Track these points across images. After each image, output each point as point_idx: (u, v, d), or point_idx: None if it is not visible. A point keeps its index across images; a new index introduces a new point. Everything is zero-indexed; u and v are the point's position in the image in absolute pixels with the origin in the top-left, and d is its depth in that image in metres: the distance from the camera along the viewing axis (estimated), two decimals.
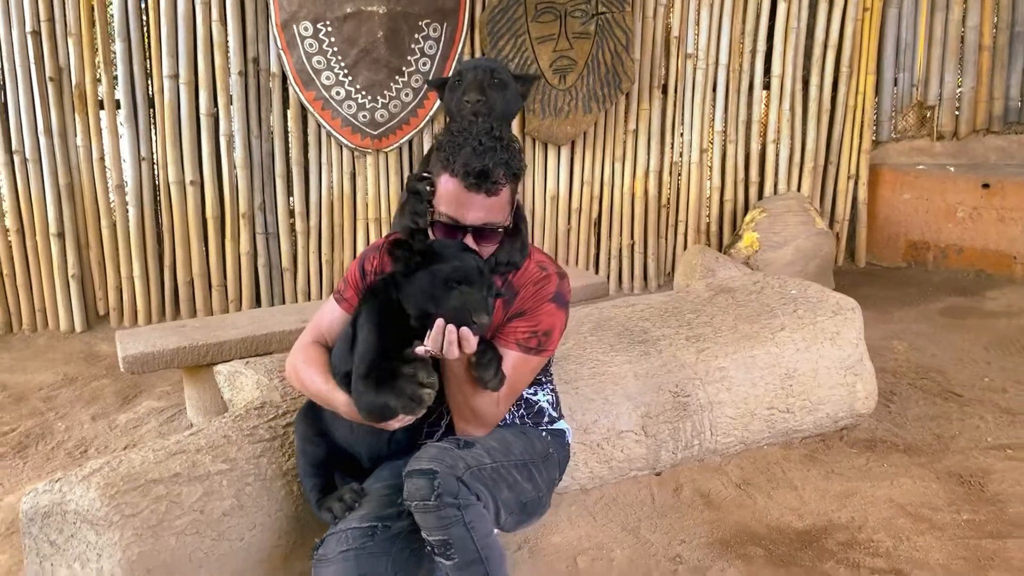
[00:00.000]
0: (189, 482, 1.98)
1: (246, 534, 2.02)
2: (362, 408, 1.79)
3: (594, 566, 2.34)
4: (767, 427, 2.86)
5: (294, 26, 4.20)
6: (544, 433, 2.08)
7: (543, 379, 2.12)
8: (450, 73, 2.27)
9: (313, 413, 2.02)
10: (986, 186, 4.97)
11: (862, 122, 5.16)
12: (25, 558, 1.95)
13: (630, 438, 2.63)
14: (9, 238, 4.29)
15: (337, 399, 1.88)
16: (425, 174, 1.92)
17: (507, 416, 2.03)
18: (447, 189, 1.85)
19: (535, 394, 2.09)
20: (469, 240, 1.88)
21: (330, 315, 2.07)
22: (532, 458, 1.97)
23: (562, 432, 2.14)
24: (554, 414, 2.13)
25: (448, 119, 2.47)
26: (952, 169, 5.16)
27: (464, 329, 1.71)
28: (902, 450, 2.98)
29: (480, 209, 1.85)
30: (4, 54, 4.09)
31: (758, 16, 4.92)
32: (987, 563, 2.33)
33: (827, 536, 2.48)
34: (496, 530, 2.16)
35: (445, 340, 1.71)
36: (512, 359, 1.90)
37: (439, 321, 1.71)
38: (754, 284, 3.18)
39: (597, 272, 5.00)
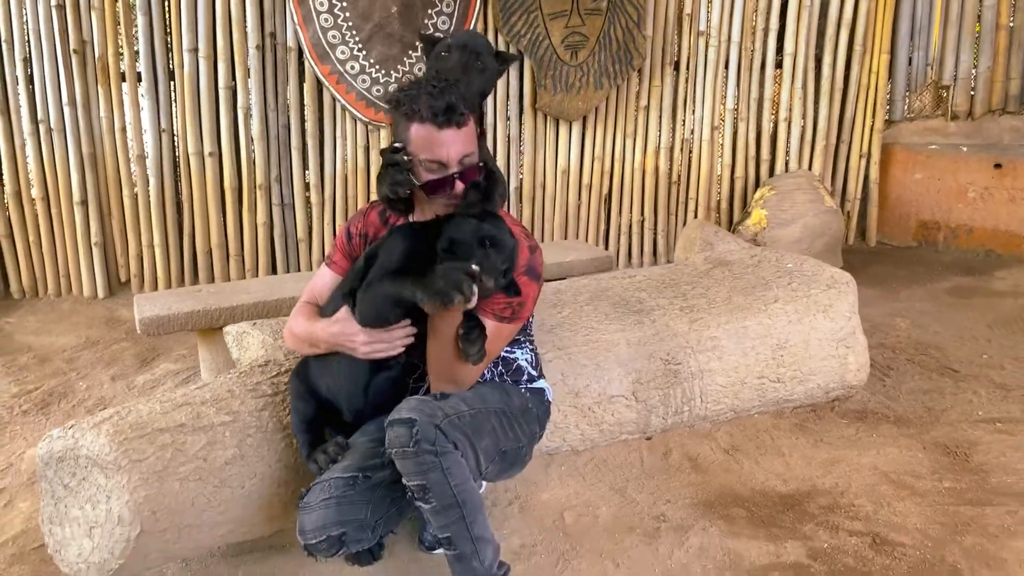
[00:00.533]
0: (194, 432, 2.10)
1: (247, 482, 2.13)
2: (366, 303, 1.93)
3: (580, 521, 2.44)
4: (757, 396, 2.93)
5: (310, 1, 4.29)
6: (523, 389, 2.17)
7: (521, 339, 2.20)
8: (442, 41, 2.33)
9: (304, 371, 2.14)
10: (998, 166, 4.96)
11: (875, 101, 5.17)
12: (41, 500, 2.08)
13: (621, 403, 2.72)
14: (35, 206, 4.43)
15: (315, 327, 2.05)
16: (396, 144, 2.01)
17: (485, 374, 2.13)
18: (420, 136, 1.94)
19: (512, 352, 2.18)
20: (458, 184, 1.97)
21: (321, 279, 2.22)
22: (510, 409, 2.07)
23: (541, 390, 2.23)
24: (533, 373, 2.22)
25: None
26: (965, 149, 5.15)
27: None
28: (892, 421, 3.05)
29: (455, 143, 1.94)
30: (30, 27, 4.22)
31: None
32: (964, 528, 2.40)
33: (809, 500, 2.56)
34: (483, 482, 2.29)
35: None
36: (488, 328, 1.98)
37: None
38: (751, 258, 3.25)
39: (607, 248, 5.07)
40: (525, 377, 2.19)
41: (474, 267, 1.81)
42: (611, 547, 2.32)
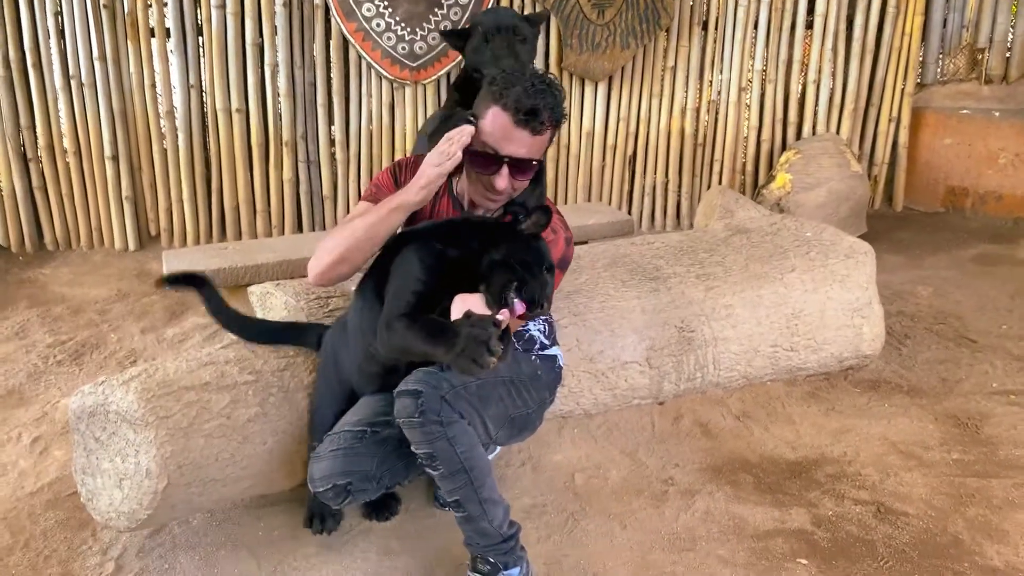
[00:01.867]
0: (218, 390, 2.18)
1: (269, 439, 2.22)
2: (393, 345, 1.90)
3: (589, 482, 2.51)
4: (770, 364, 2.97)
5: None
6: (533, 357, 2.22)
7: None
8: (469, 26, 2.34)
9: (334, 366, 2.20)
10: None
11: (907, 64, 5.08)
12: (74, 451, 2.18)
13: (634, 369, 2.77)
14: (67, 159, 4.52)
15: (390, 202, 2.03)
16: (471, 115, 2.02)
17: None
18: (494, 121, 1.97)
19: (525, 324, 2.23)
20: (504, 172, 1.99)
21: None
22: (518, 377, 2.12)
23: (553, 357, 2.28)
24: (546, 342, 2.27)
25: (471, 70, 2.53)
26: (997, 114, 5.06)
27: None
28: (905, 391, 3.07)
29: (522, 145, 1.98)
30: None
31: None
32: (968, 500, 2.44)
33: (817, 468, 2.61)
34: (496, 446, 2.36)
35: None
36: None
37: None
38: (771, 226, 3.25)
39: (630, 210, 5.08)
40: (537, 346, 2.25)
41: (496, 323, 1.75)
42: (619, 509, 2.39)
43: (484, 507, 1.96)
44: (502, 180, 2.00)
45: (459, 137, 1.97)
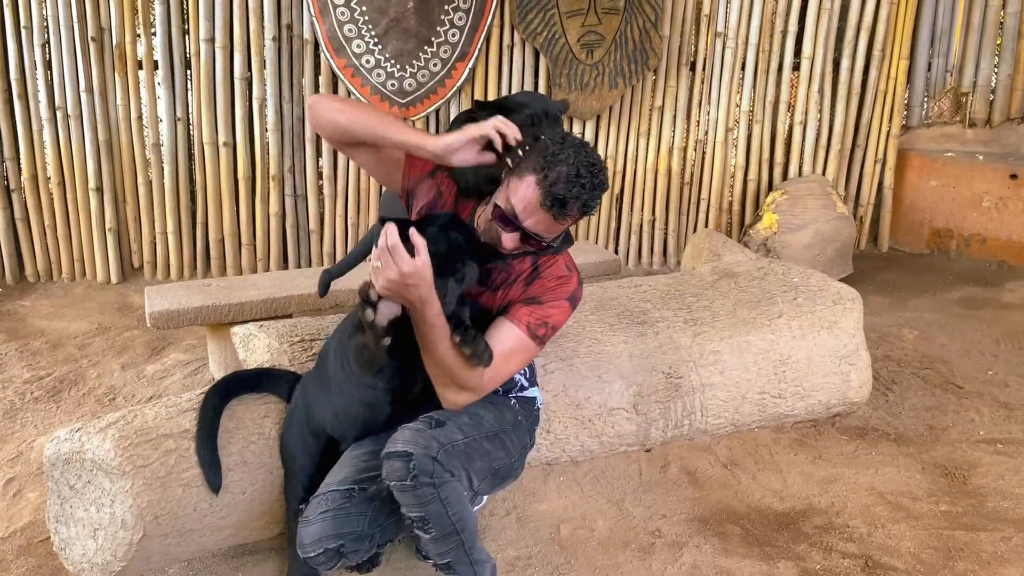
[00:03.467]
0: None
1: (248, 488, 2.17)
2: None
3: (575, 534, 2.47)
4: (758, 411, 2.95)
5: None
6: (513, 401, 2.18)
7: None
8: (519, 108, 2.28)
9: (304, 413, 2.15)
10: (1014, 176, 4.93)
11: (892, 107, 5.13)
12: (48, 499, 2.13)
13: (621, 415, 2.74)
14: (51, 190, 4.48)
15: (410, 133, 1.97)
16: (521, 150, 1.94)
17: None
18: (526, 190, 1.88)
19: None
20: (515, 236, 1.93)
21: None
22: (503, 428, 2.09)
23: (532, 399, 2.25)
24: (525, 383, 2.24)
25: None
26: (981, 157, 5.11)
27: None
28: (892, 439, 3.06)
29: (540, 224, 1.90)
30: (49, 13, 4.25)
31: None
32: (957, 554, 2.41)
33: (805, 519, 2.58)
34: (483, 498, 2.32)
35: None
36: (516, 338, 1.98)
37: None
38: (758, 270, 3.25)
39: (617, 248, 5.08)
40: (516, 388, 2.22)
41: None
42: (605, 562, 2.35)
43: (475, 568, 1.93)
44: (510, 241, 1.95)
45: (512, 133, 1.90)
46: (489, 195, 2.03)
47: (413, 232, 1.77)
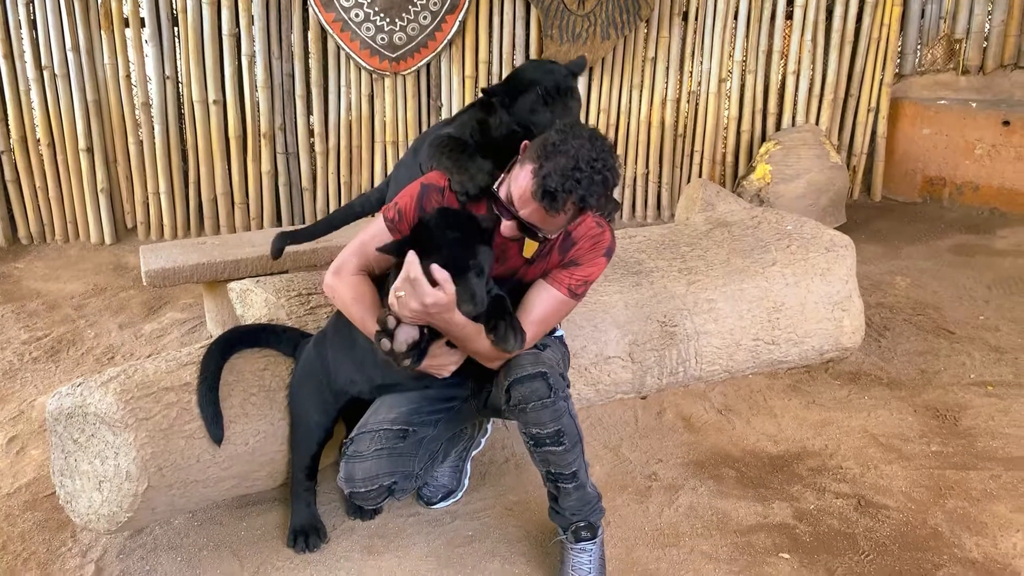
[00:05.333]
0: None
1: (250, 439, 2.20)
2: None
3: None
4: (752, 357, 2.98)
5: None
6: (555, 338, 2.27)
7: None
8: (529, 85, 2.21)
9: (322, 371, 2.18)
10: (1007, 123, 4.92)
11: (885, 54, 5.10)
12: (51, 453, 2.15)
13: (617, 363, 2.77)
14: (41, 151, 4.45)
15: (370, 328, 1.99)
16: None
17: None
18: (524, 180, 1.84)
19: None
20: (511, 225, 1.91)
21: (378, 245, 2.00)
22: (563, 355, 2.22)
23: (561, 336, 2.34)
24: (558, 327, 2.33)
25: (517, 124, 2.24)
26: (974, 105, 5.10)
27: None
28: (885, 383, 3.10)
29: (535, 216, 1.86)
30: None
31: None
32: (947, 492, 2.46)
33: (799, 462, 2.62)
34: (481, 440, 2.44)
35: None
36: (557, 300, 2.02)
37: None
38: (752, 219, 3.26)
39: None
40: (556, 332, 2.30)
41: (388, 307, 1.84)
42: (603, 505, 2.39)
43: (587, 472, 2.05)
44: (507, 230, 1.93)
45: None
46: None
47: (435, 268, 1.78)
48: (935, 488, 2.48)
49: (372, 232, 2.08)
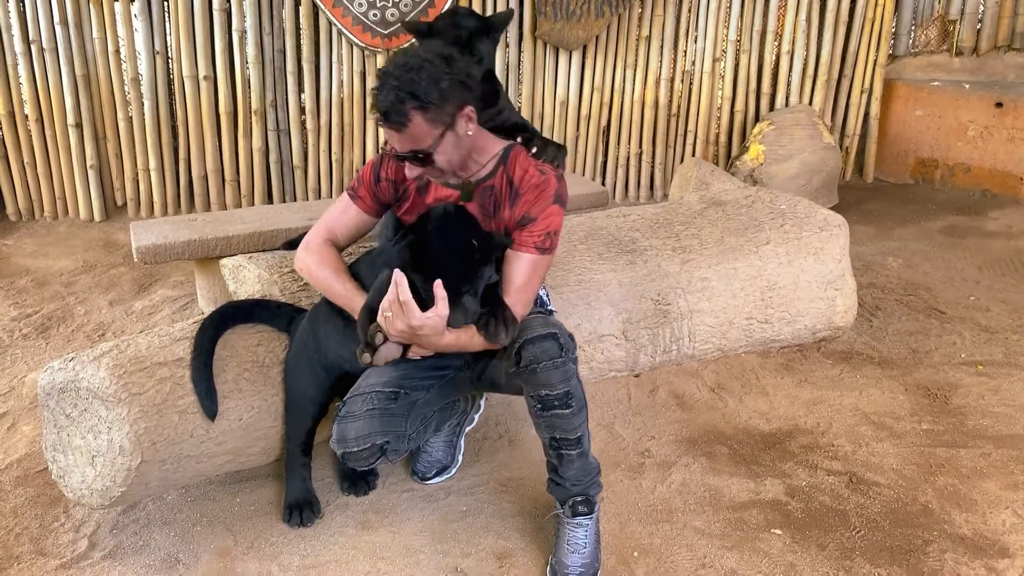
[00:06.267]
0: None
1: (244, 415, 2.19)
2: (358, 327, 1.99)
3: None
4: (745, 336, 2.99)
5: None
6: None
7: None
8: (431, 21, 2.32)
9: (315, 349, 2.18)
10: (999, 105, 4.93)
11: (879, 35, 5.09)
12: (44, 428, 2.14)
13: (610, 341, 2.77)
14: (29, 127, 4.40)
15: (354, 303, 2.04)
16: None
17: None
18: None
19: None
20: (412, 168, 1.98)
21: (343, 213, 2.18)
22: None
23: (554, 312, 2.37)
24: (546, 301, 2.35)
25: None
26: (967, 86, 5.10)
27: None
28: (876, 363, 3.11)
29: (396, 141, 1.94)
30: None
31: None
32: (938, 469, 2.48)
33: (791, 439, 2.64)
34: (475, 416, 2.44)
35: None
36: (531, 262, 2.02)
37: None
38: (745, 198, 3.26)
39: (604, 181, 5.06)
40: (544, 307, 2.32)
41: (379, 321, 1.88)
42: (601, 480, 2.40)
43: (590, 440, 2.05)
44: (409, 171, 2.00)
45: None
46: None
47: (437, 285, 1.82)
48: (926, 466, 2.50)
49: (336, 208, 2.19)
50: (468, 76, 1.94)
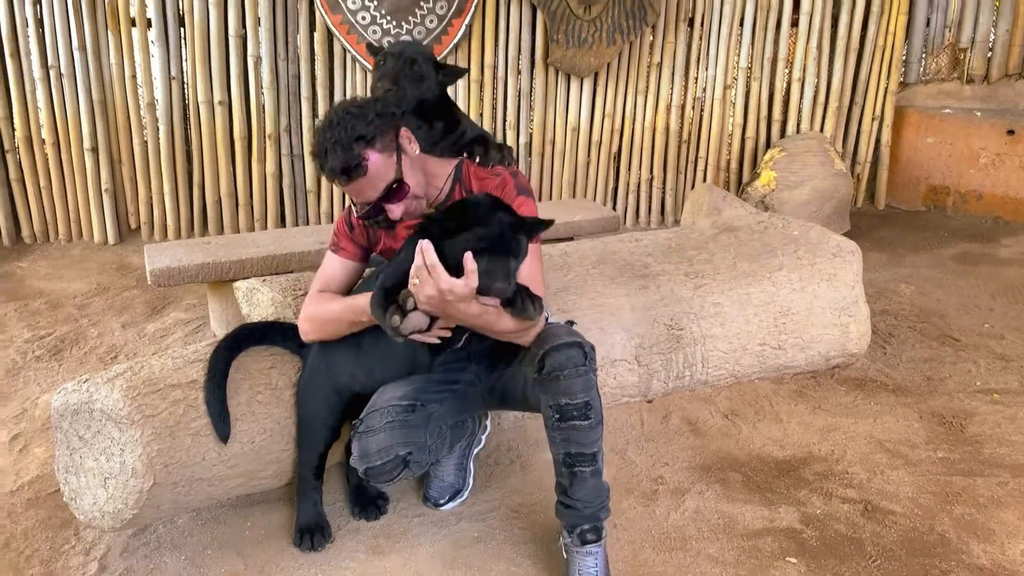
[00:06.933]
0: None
1: (256, 438, 2.19)
2: (372, 310, 1.97)
3: None
4: (758, 362, 2.97)
5: None
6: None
7: None
8: (384, 51, 2.35)
9: (325, 375, 2.19)
10: (1011, 132, 4.93)
11: (890, 63, 5.11)
12: (56, 450, 2.14)
13: (623, 367, 2.77)
14: (46, 151, 4.45)
15: (358, 302, 2.04)
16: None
17: None
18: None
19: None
20: (393, 208, 2.03)
21: (331, 268, 2.23)
22: None
23: None
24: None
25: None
26: (978, 114, 5.11)
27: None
28: (891, 390, 3.09)
29: (355, 193, 2.00)
30: None
31: None
32: (954, 498, 2.45)
33: (805, 467, 2.61)
34: (482, 438, 2.51)
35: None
36: (529, 251, 2.01)
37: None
38: (758, 224, 3.26)
39: (615, 206, 5.07)
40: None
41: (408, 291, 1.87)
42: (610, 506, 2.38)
43: (604, 461, 2.04)
44: (391, 212, 2.03)
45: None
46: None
47: (468, 257, 1.81)
48: (942, 494, 2.47)
49: (325, 263, 2.25)
50: (387, 105, 2.04)
